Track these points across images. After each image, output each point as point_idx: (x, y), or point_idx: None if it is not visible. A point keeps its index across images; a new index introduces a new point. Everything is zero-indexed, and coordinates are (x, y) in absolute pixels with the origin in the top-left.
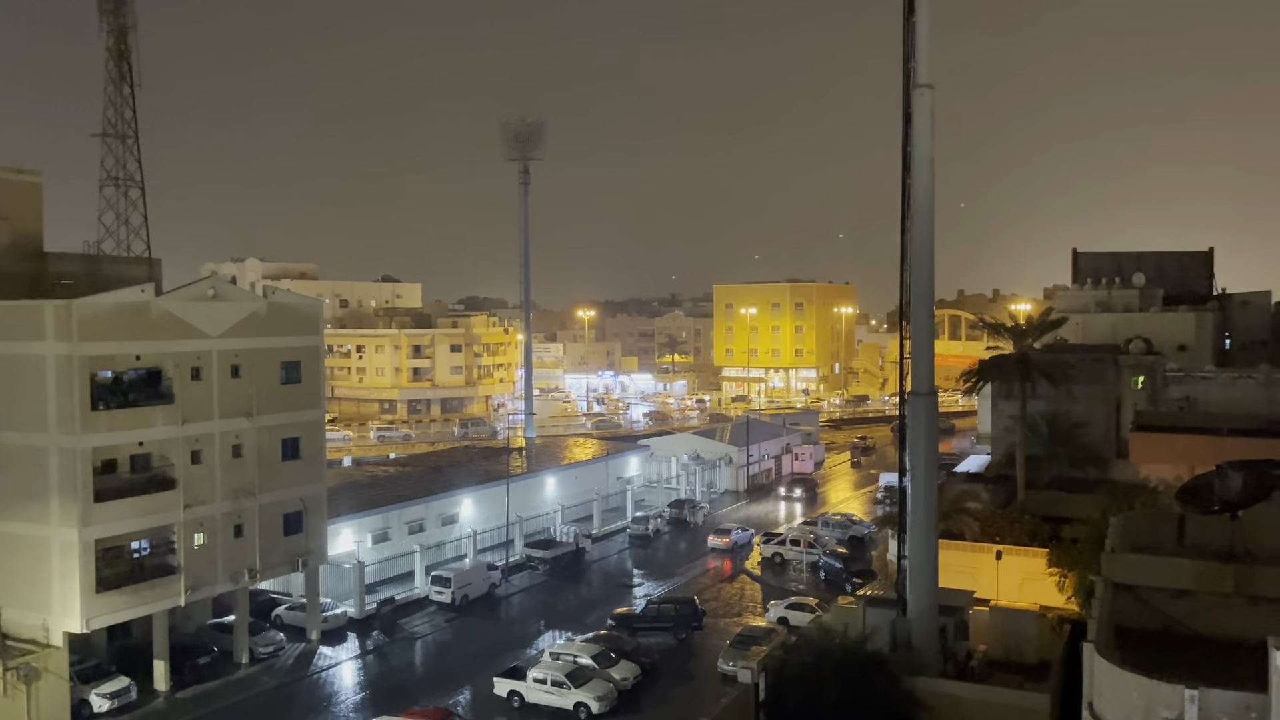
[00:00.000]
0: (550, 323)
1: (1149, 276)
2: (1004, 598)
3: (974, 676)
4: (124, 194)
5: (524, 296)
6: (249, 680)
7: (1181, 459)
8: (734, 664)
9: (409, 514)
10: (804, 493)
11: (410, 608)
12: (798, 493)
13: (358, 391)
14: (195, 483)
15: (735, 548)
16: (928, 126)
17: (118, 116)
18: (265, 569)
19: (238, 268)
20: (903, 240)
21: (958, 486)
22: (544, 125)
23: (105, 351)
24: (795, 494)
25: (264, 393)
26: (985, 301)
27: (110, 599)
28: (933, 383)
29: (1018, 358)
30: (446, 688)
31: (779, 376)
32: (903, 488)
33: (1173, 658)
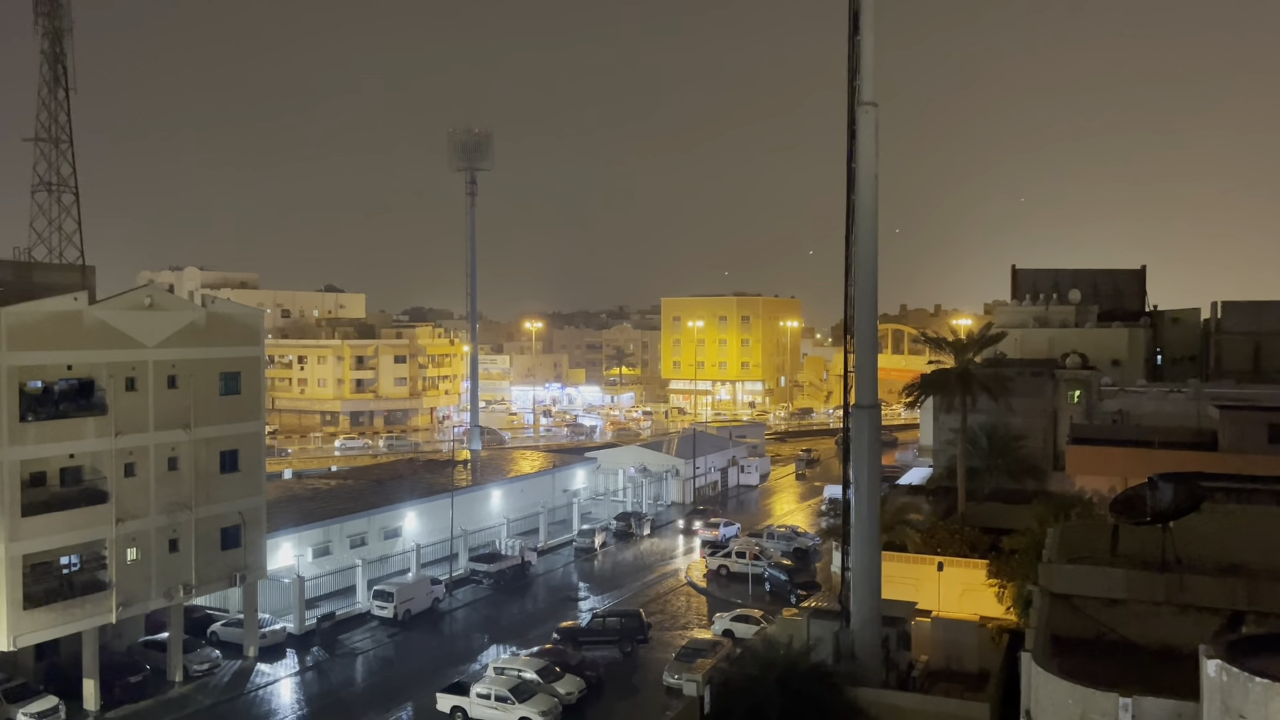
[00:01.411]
0: (497, 334)
1: (1085, 293)
2: (945, 608)
3: (916, 686)
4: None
5: (470, 307)
6: (182, 699)
7: (1115, 471)
8: (679, 677)
9: (351, 528)
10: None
11: (352, 623)
12: (715, 536)
13: (299, 403)
14: (129, 496)
15: (723, 540)
16: (872, 143)
17: (51, 120)
18: (201, 584)
19: (176, 276)
20: (847, 255)
21: (900, 498)
22: (491, 136)
23: (35, 361)
24: (694, 528)
25: (202, 404)
26: (927, 316)
27: (38, 616)
28: (876, 396)
29: (958, 372)
30: (389, 704)
31: (726, 389)
32: (846, 500)
33: (1108, 666)
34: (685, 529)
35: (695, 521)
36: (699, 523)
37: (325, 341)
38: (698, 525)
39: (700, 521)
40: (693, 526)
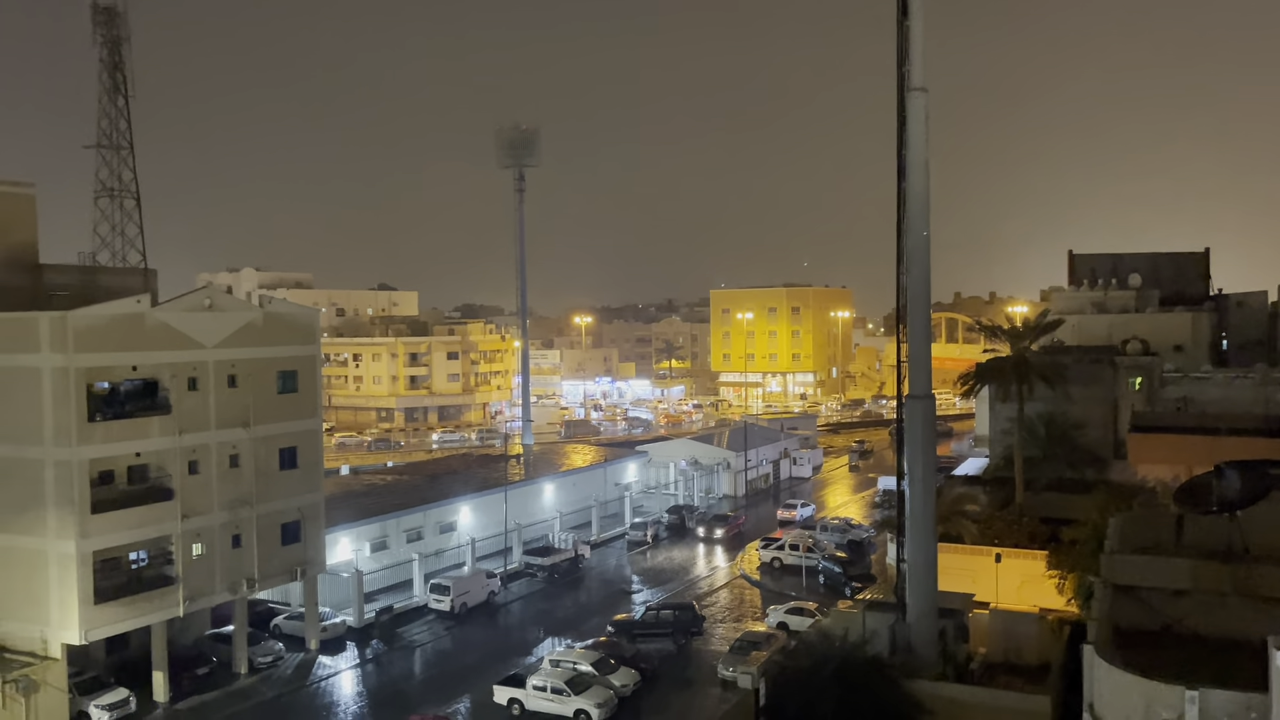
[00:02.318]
0: (547, 329)
1: (1145, 277)
2: (1003, 600)
3: (974, 679)
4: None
5: (520, 303)
6: (248, 690)
7: (1179, 459)
8: (734, 669)
9: (407, 522)
10: (725, 532)
11: (409, 616)
12: (719, 534)
13: (355, 400)
14: (192, 493)
15: (800, 520)
16: (922, 130)
17: (112, 127)
18: (263, 579)
19: (233, 277)
20: (899, 243)
21: (956, 489)
22: (539, 132)
23: (101, 363)
24: (716, 535)
25: (261, 402)
26: (982, 304)
27: (108, 610)
28: (930, 386)
29: (1015, 360)
30: (446, 696)
31: (776, 381)
32: (901, 491)
33: (1172, 658)
34: (705, 536)
35: (716, 529)
36: (716, 529)
37: (379, 339)
38: (712, 529)
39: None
40: (714, 534)
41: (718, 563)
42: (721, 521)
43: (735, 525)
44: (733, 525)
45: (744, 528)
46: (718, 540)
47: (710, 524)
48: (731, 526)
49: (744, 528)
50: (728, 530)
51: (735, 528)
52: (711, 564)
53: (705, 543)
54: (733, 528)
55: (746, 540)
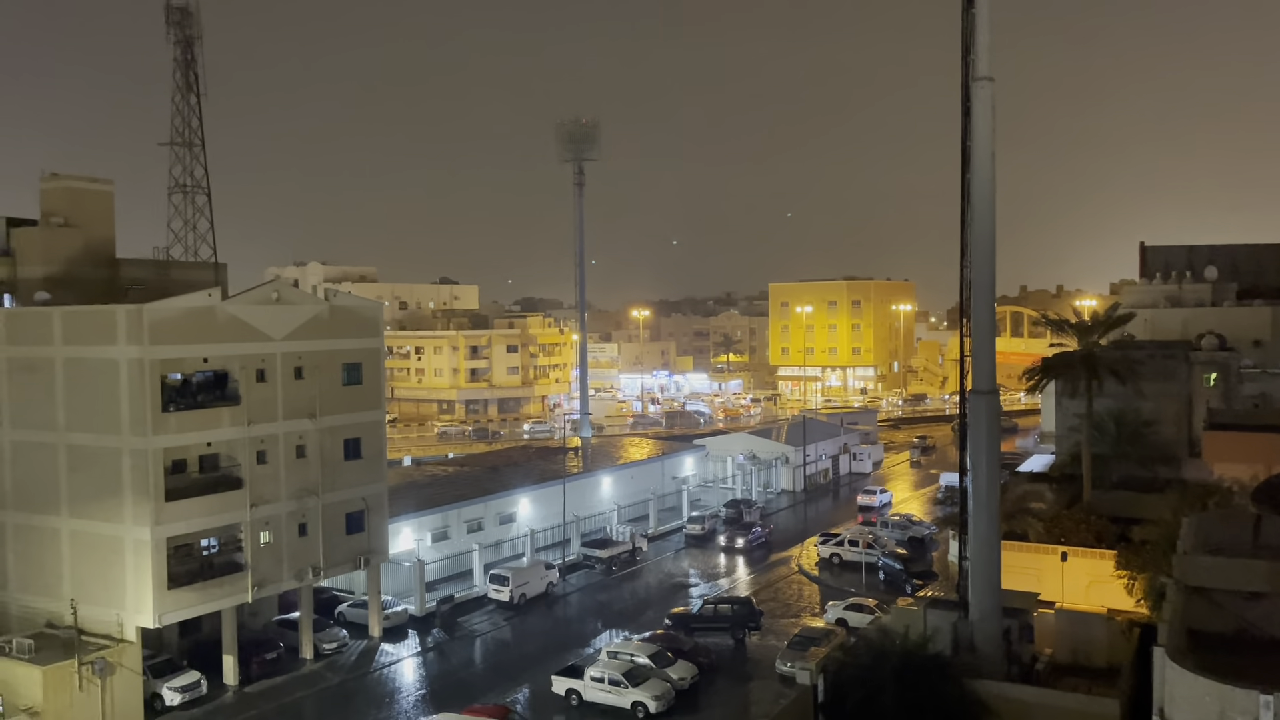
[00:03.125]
0: (605, 323)
1: (1222, 270)
2: (1070, 600)
3: (1040, 680)
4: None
5: (579, 297)
6: (314, 676)
7: (1257, 458)
8: (792, 665)
9: (468, 513)
10: (746, 542)
11: (469, 606)
12: (740, 543)
13: (417, 392)
14: (261, 482)
15: (879, 506)
16: (988, 120)
17: (184, 125)
18: (329, 567)
19: (300, 271)
20: (963, 236)
21: (1021, 486)
22: (599, 126)
23: (174, 354)
24: (737, 545)
25: (326, 394)
26: (1049, 297)
27: (181, 595)
28: (994, 381)
29: (1083, 355)
30: (505, 685)
31: (836, 375)
32: (964, 488)
33: (1247, 662)
34: (726, 545)
35: (737, 539)
36: (738, 538)
37: (441, 332)
38: (734, 538)
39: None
40: (735, 544)
41: (738, 575)
42: (744, 530)
43: (761, 535)
44: (757, 535)
45: (771, 537)
46: (739, 550)
47: (732, 532)
48: (756, 536)
49: (771, 537)
50: (750, 541)
51: (762, 537)
52: (771, 558)
53: (725, 553)
54: (757, 537)
55: (773, 550)
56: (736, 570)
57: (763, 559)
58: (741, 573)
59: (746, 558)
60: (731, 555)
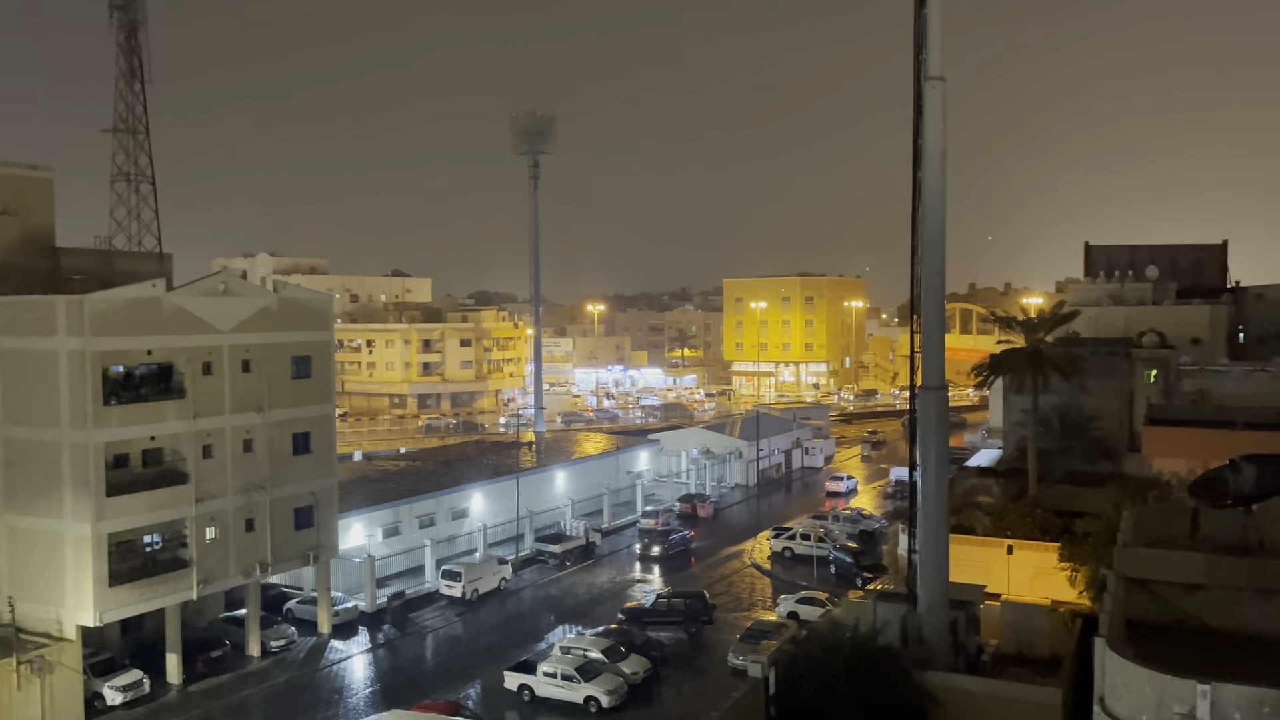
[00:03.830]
0: (560, 317)
1: (1162, 269)
2: (1015, 592)
3: (985, 671)
4: (135, 189)
5: (534, 291)
6: (261, 673)
7: (1195, 453)
8: (744, 658)
9: (419, 508)
10: (663, 550)
11: (421, 602)
12: (656, 552)
13: (368, 386)
14: (207, 477)
15: (845, 492)
16: (939, 119)
17: (128, 112)
18: (277, 563)
19: (248, 263)
20: (914, 234)
21: (969, 481)
22: (554, 119)
23: (117, 347)
24: (653, 553)
25: (275, 387)
26: (997, 295)
27: (123, 593)
28: (944, 377)
29: (1029, 351)
30: (457, 681)
31: (789, 370)
32: (913, 482)
33: (1186, 652)
34: (642, 554)
35: (654, 548)
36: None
37: (393, 325)
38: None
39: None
40: (651, 552)
41: (730, 550)
42: (661, 538)
43: (681, 542)
44: (676, 543)
45: (692, 544)
46: (654, 559)
47: (648, 540)
48: (673, 544)
49: (692, 544)
50: (667, 549)
51: (681, 545)
52: (723, 553)
53: (642, 562)
54: (674, 545)
55: (693, 558)
56: (635, 589)
57: (682, 567)
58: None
59: (663, 567)
60: (648, 565)
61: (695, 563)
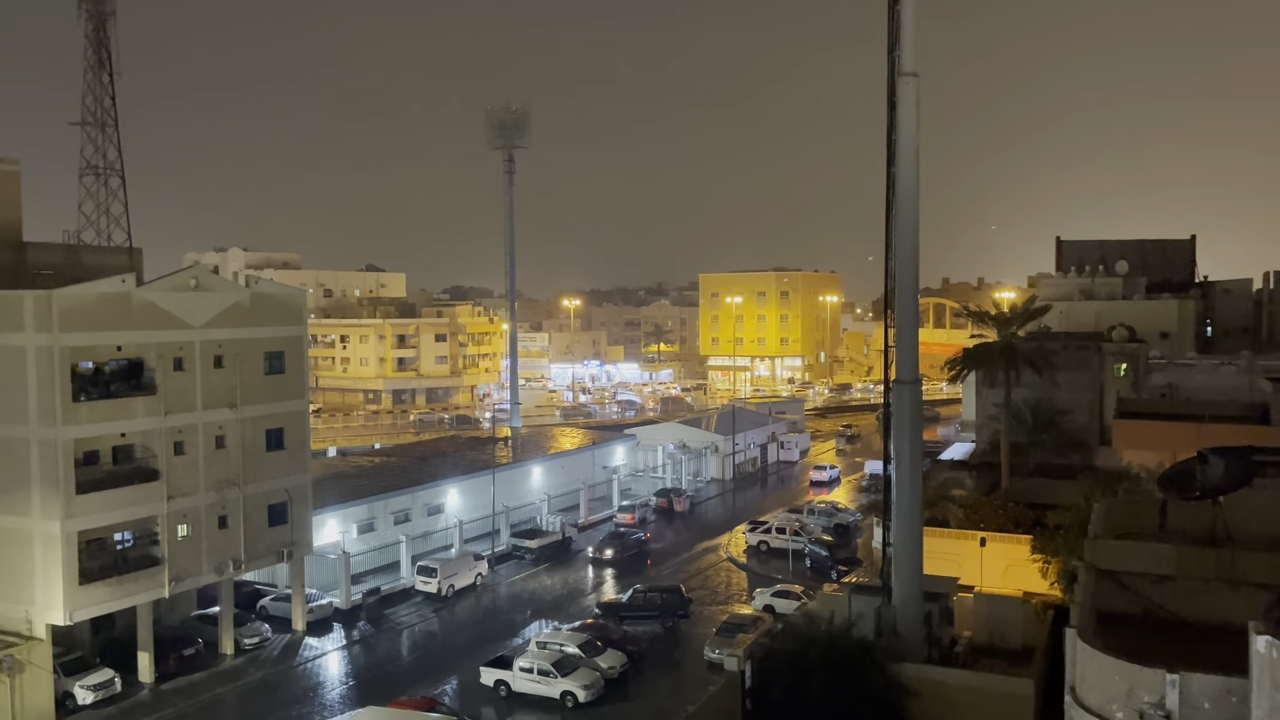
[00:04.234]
0: (536, 312)
1: (1132, 264)
2: (988, 584)
3: (959, 662)
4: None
5: (509, 286)
6: (234, 671)
7: (1164, 445)
8: (720, 652)
9: (394, 504)
10: (617, 553)
11: (396, 598)
12: (609, 555)
13: (342, 381)
14: (178, 474)
15: (830, 480)
16: (913, 115)
17: (97, 104)
18: (250, 560)
19: (220, 257)
20: (888, 229)
21: (942, 474)
22: (528, 114)
23: (86, 342)
24: (606, 556)
25: (247, 383)
26: (970, 290)
27: (93, 591)
28: (917, 371)
29: (1002, 346)
30: (433, 677)
31: (765, 365)
32: (888, 475)
33: (1155, 642)
34: (595, 557)
35: (607, 550)
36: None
37: (367, 321)
38: (603, 549)
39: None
40: (604, 555)
41: (707, 544)
42: (615, 540)
43: (636, 545)
44: (630, 545)
45: (649, 547)
46: (608, 562)
47: (602, 543)
48: (628, 547)
49: (649, 547)
50: (621, 552)
51: (636, 548)
52: (700, 547)
53: (594, 565)
54: (631, 547)
55: (650, 560)
56: (665, 558)
57: (637, 570)
58: (670, 561)
59: (615, 571)
60: (600, 569)
61: (652, 566)
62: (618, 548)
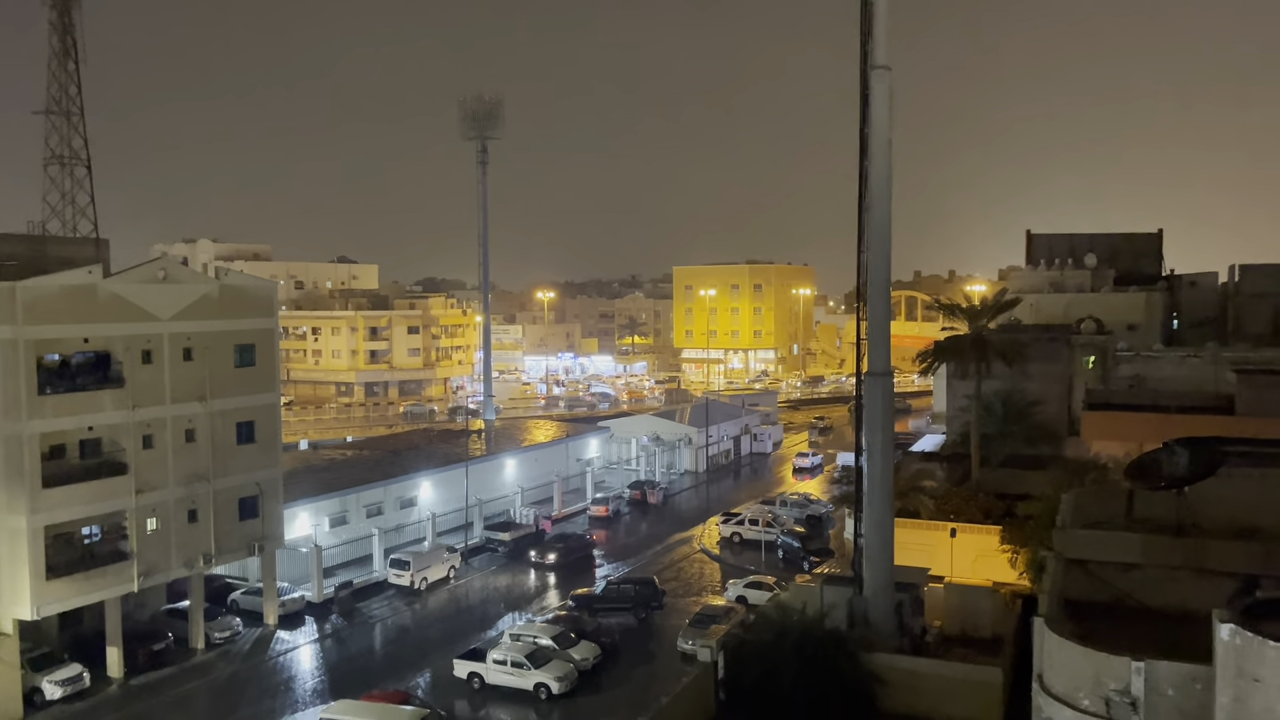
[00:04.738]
0: (509, 304)
1: (1101, 257)
2: (959, 574)
3: (929, 651)
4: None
5: (482, 278)
6: (205, 666)
7: (1131, 436)
8: (693, 643)
9: (367, 497)
10: (559, 557)
11: (368, 591)
12: (551, 559)
13: (314, 374)
14: (147, 468)
15: (812, 467)
16: (885, 108)
17: (61, 93)
18: (221, 554)
19: (189, 249)
20: (860, 222)
21: (913, 465)
22: (502, 104)
23: (52, 334)
24: (548, 560)
25: (217, 376)
26: (941, 282)
27: (61, 586)
28: (889, 363)
29: (973, 338)
30: (406, 670)
31: (738, 357)
32: (860, 467)
33: (1122, 630)
34: (537, 560)
35: (548, 554)
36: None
37: (339, 313)
38: (545, 553)
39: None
40: (546, 559)
41: (681, 536)
42: (556, 544)
43: (580, 548)
44: (575, 548)
45: (597, 549)
46: (549, 568)
47: (544, 547)
48: (574, 550)
49: (597, 549)
50: (564, 556)
51: (582, 551)
52: (673, 538)
53: (536, 569)
54: (576, 551)
55: (596, 565)
56: (639, 550)
57: (580, 575)
58: (644, 553)
59: (558, 577)
60: (542, 573)
61: (597, 570)
62: (561, 550)
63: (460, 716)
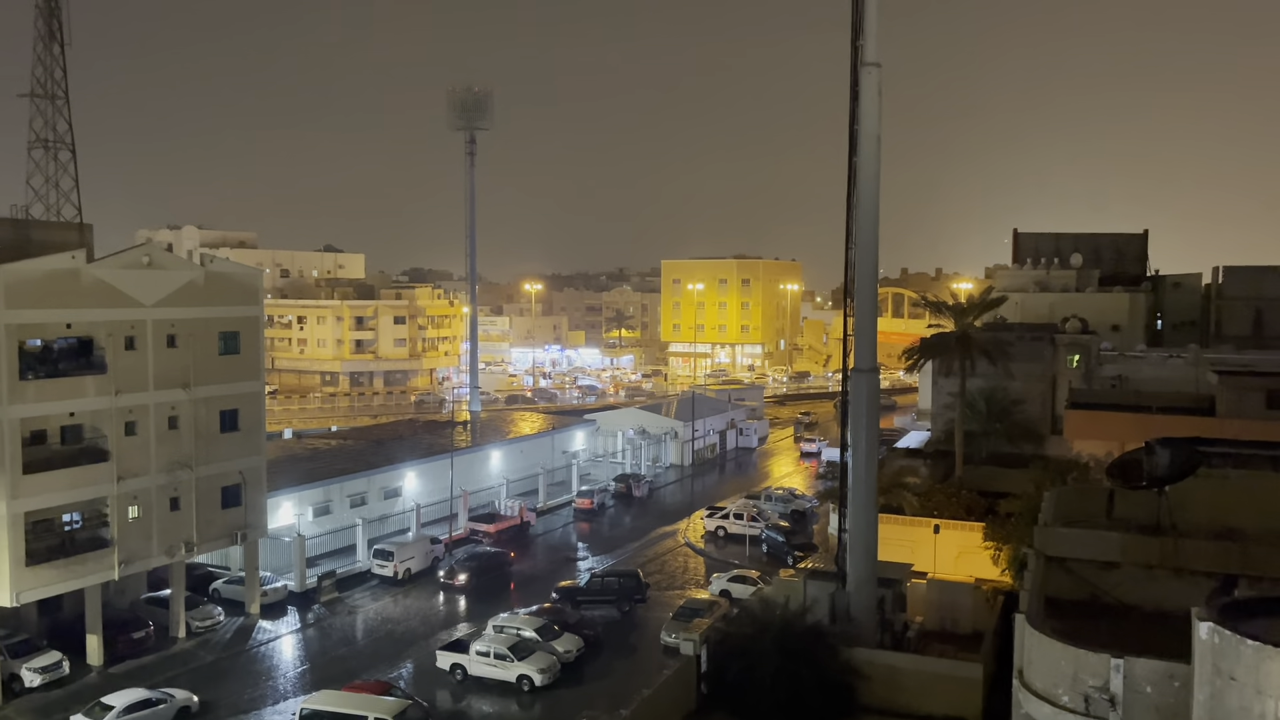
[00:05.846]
0: (496, 295)
1: (1086, 257)
2: (941, 571)
3: (911, 647)
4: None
5: (470, 268)
6: (185, 655)
7: (1113, 435)
8: (676, 636)
9: (351, 487)
10: (471, 578)
11: (352, 581)
12: (461, 580)
13: (299, 363)
14: (129, 454)
15: (817, 452)
16: (875, 105)
17: (47, 76)
18: (203, 542)
19: (174, 235)
20: (848, 218)
21: (898, 462)
22: (491, 95)
23: (34, 319)
24: (458, 582)
25: (201, 363)
26: (928, 280)
27: (40, 572)
28: (875, 360)
29: (958, 336)
30: (389, 661)
31: (725, 352)
32: (844, 463)
33: (1101, 628)
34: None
35: (459, 575)
36: (802, 443)
37: (324, 302)
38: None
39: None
40: (456, 580)
41: (665, 529)
42: (467, 563)
43: (494, 565)
44: (487, 565)
45: (512, 569)
46: (458, 590)
47: (454, 567)
48: (486, 568)
49: (512, 569)
50: (475, 576)
51: (496, 568)
52: (657, 532)
53: (445, 590)
54: (489, 569)
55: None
56: (623, 543)
57: (495, 596)
58: (628, 545)
59: (468, 600)
60: (451, 596)
61: (515, 589)
62: (472, 570)
63: (442, 707)
